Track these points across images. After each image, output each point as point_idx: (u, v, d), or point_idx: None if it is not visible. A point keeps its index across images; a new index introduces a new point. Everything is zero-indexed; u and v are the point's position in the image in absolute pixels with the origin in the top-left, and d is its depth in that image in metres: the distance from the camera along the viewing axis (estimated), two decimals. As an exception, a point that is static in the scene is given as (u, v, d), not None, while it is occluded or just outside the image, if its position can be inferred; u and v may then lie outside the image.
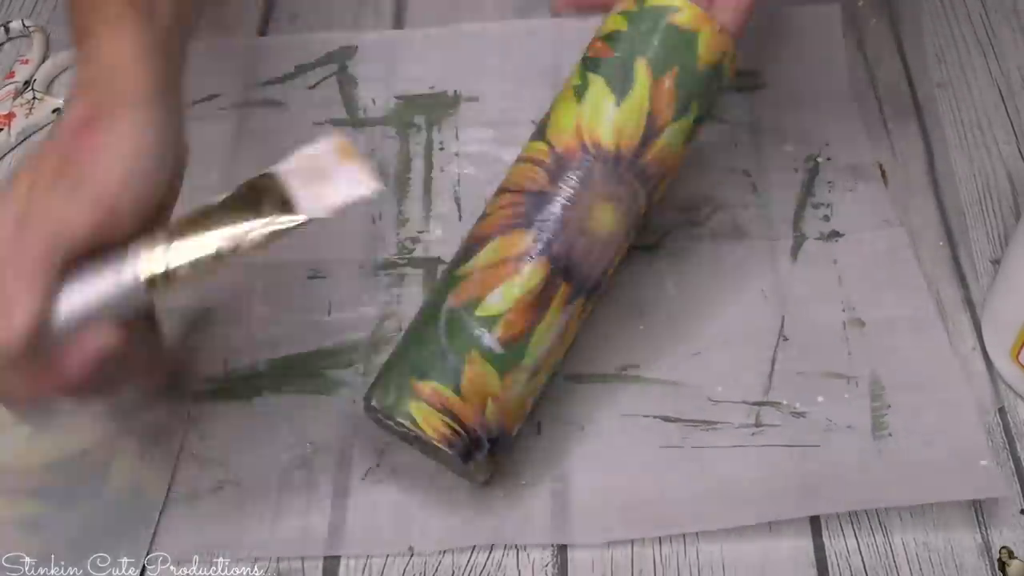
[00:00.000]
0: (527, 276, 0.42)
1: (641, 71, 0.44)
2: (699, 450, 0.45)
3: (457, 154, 0.57)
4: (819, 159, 0.56)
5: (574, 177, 0.43)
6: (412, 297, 0.51)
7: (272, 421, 0.47)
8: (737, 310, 0.50)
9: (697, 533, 0.44)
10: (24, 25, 0.64)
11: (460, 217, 0.54)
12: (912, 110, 0.58)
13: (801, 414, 0.46)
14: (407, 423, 0.41)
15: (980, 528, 0.44)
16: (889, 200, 0.54)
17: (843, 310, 0.50)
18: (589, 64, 0.45)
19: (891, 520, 0.44)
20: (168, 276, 0.36)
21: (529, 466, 0.45)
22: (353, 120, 0.59)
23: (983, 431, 0.45)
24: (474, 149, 0.57)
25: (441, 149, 0.57)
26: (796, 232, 0.53)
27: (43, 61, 0.62)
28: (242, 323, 0.50)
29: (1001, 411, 0.47)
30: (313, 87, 0.60)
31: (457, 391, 0.41)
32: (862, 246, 0.52)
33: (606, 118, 0.43)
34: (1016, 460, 0.46)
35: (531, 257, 0.42)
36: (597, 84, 0.44)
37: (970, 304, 0.51)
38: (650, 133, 0.44)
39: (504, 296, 0.42)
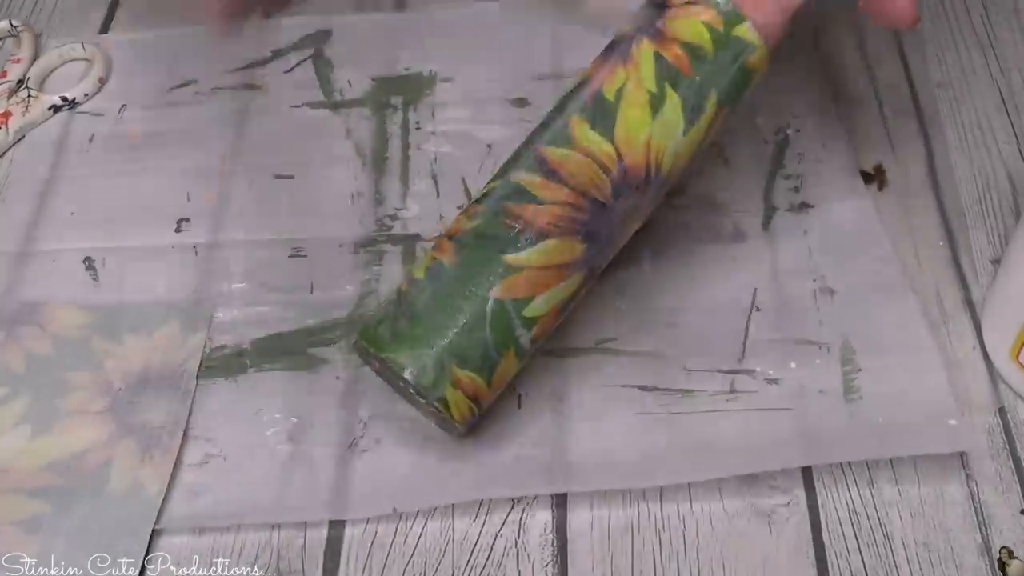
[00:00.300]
0: (569, 283, 0.44)
1: (711, 105, 0.44)
2: (676, 416, 0.46)
3: (434, 133, 0.58)
4: (789, 131, 0.57)
5: (633, 198, 0.44)
6: (391, 274, 0.52)
7: (257, 398, 0.48)
8: (710, 281, 0.51)
9: (698, 536, 0.44)
10: (12, 25, 0.64)
11: (438, 194, 0.55)
12: (912, 110, 0.58)
13: (775, 380, 0.48)
14: (439, 407, 0.42)
15: (980, 528, 0.44)
16: (856, 170, 0.55)
17: (813, 279, 0.51)
18: (668, 73, 0.44)
19: (891, 520, 0.44)
20: None
21: (509, 434, 0.46)
22: (330, 102, 0.60)
23: (950, 392, 0.46)
24: (451, 128, 0.58)
25: (418, 128, 0.58)
26: (767, 204, 0.54)
27: (35, 59, 0.62)
28: (226, 302, 0.51)
29: (1001, 411, 0.47)
30: (290, 71, 0.61)
31: (488, 383, 0.43)
32: (830, 216, 0.53)
33: (672, 145, 0.44)
34: (1016, 460, 0.46)
35: (579, 267, 0.44)
36: (673, 104, 0.44)
37: (970, 304, 0.51)
38: (692, 160, 0.46)
39: (548, 301, 0.43)
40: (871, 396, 0.47)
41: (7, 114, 0.59)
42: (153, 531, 0.44)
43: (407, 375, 0.42)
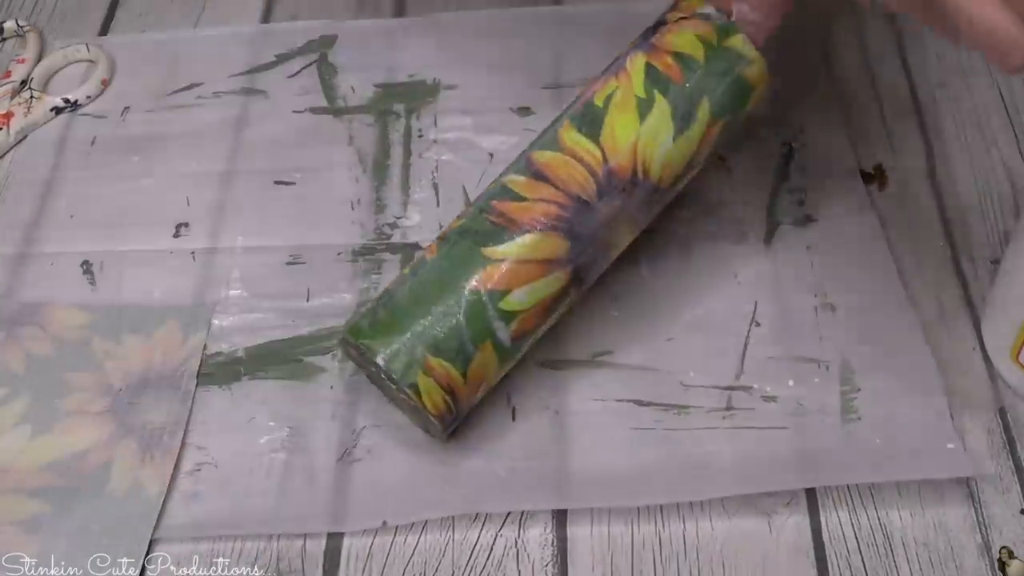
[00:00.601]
0: (552, 281, 0.44)
1: (703, 113, 0.45)
2: (671, 432, 0.46)
3: (436, 141, 0.58)
4: (794, 144, 0.57)
5: (619, 200, 0.44)
6: (390, 284, 0.52)
7: (250, 406, 0.48)
8: (711, 295, 0.51)
9: (697, 536, 0.44)
10: (18, 25, 0.64)
11: (438, 203, 0.55)
12: (912, 110, 0.58)
13: (772, 398, 0.47)
14: (410, 393, 0.42)
15: (980, 528, 0.44)
16: (861, 185, 0.55)
17: (815, 295, 0.51)
18: (657, 80, 0.45)
19: (891, 520, 0.44)
20: None
21: (502, 449, 0.46)
22: (333, 108, 0.60)
23: (949, 415, 0.46)
24: (453, 136, 0.58)
25: (420, 136, 0.58)
26: (770, 217, 0.54)
27: (39, 60, 0.62)
28: (222, 309, 0.51)
29: (1001, 411, 0.47)
30: (293, 76, 0.61)
31: (464, 375, 0.43)
32: (835, 231, 0.53)
33: (661, 150, 0.44)
34: (1016, 460, 0.46)
35: (561, 265, 0.44)
36: (662, 110, 0.44)
37: (970, 304, 0.51)
38: (687, 170, 0.46)
39: (528, 296, 0.43)
40: (869, 417, 0.46)
41: (9, 115, 0.59)
42: (153, 531, 0.44)
43: (379, 360, 0.42)
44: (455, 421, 0.45)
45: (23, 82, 0.61)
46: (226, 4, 0.66)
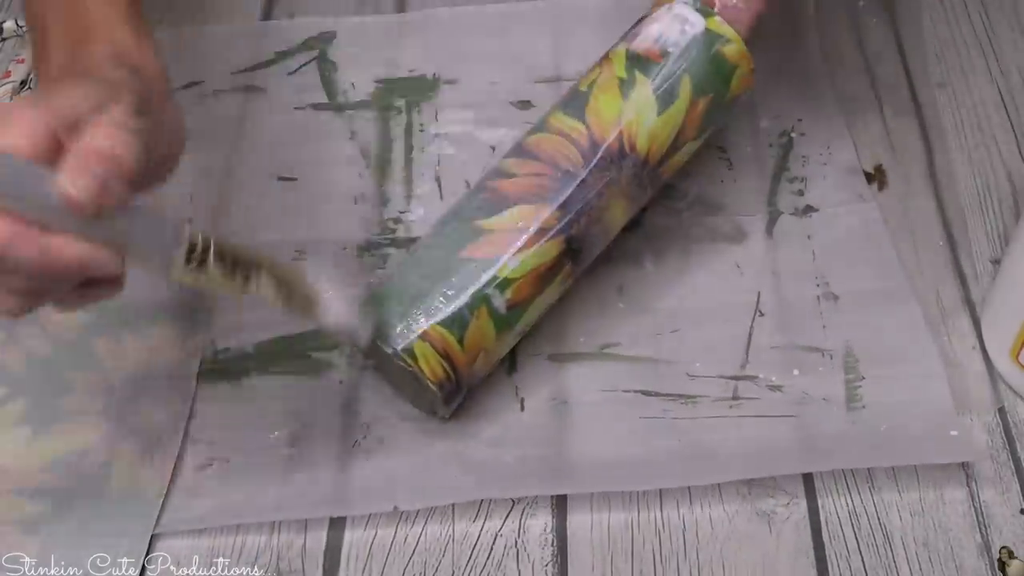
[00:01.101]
0: (544, 250, 0.45)
1: (685, 89, 0.46)
2: (679, 421, 0.47)
3: (437, 135, 0.58)
4: (793, 134, 0.57)
5: (607, 171, 0.46)
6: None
7: (260, 401, 0.48)
8: (714, 286, 0.51)
9: (697, 536, 0.44)
10: (18, 25, 0.64)
11: (441, 196, 0.55)
12: (912, 110, 0.58)
13: (777, 387, 0.48)
14: (406, 358, 0.43)
15: (980, 528, 0.44)
16: (860, 173, 0.55)
17: (817, 284, 0.51)
18: (638, 62, 0.46)
19: (891, 520, 0.44)
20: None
21: (511, 438, 0.46)
22: (333, 104, 0.60)
23: (952, 402, 0.46)
24: (455, 130, 0.58)
25: (421, 130, 0.58)
26: (771, 207, 0.54)
27: (40, 59, 0.62)
28: (229, 306, 0.51)
29: (1001, 411, 0.47)
30: (293, 73, 0.61)
31: (460, 341, 0.44)
32: (835, 221, 0.53)
33: (646, 125, 0.46)
34: (1016, 460, 0.46)
35: (552, 234, 0.45)
36: (644, 88, 0.46)
37: (970, 304, 0.51)
38: (674, 147, 0.47)
39: (521, 264, 0.44)
40: (873, 405, 0.47)
41: (8, 115, 0.59)
42: (153, 531, 0.44)
43: (375, 328, 0.43)
44: (456, 392, 0.45)
45: (23, 82, 0.61)
46: (226, 2, 0.66)
